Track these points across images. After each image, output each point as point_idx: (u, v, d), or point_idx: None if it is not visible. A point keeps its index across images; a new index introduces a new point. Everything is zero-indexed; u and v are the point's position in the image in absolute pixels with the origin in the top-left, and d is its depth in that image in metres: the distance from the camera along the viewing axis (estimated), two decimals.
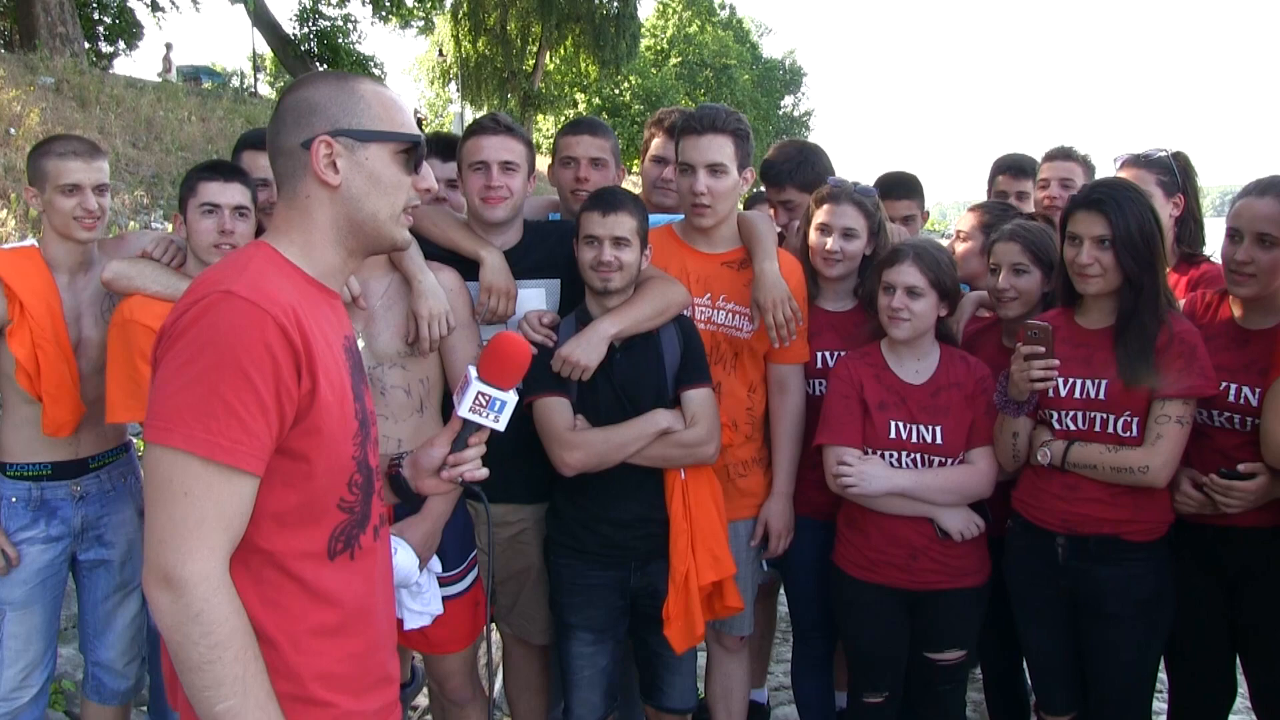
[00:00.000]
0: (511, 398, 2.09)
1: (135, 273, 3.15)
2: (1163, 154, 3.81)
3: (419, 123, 1.98)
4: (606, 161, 3.76)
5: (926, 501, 3.27)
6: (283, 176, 1.85)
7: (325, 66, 31.74)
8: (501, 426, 2.10)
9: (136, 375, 3.04)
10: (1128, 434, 3.08)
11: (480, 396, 2.06)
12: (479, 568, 3.39)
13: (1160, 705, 3.73)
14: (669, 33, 55.26)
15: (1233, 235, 3.13)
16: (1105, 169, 4.63)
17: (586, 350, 3.11)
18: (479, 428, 2.10)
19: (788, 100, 64.79)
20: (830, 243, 3.56)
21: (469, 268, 3.32)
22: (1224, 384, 3.13)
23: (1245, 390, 3.12)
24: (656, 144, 4.08)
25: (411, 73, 47.75)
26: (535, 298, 3.40)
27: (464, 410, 2.07)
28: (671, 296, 3.28)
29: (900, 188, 4.38)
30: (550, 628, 3.48)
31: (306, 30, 31.36)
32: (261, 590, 1.72)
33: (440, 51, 40.41)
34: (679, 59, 53.78)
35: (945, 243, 4.02)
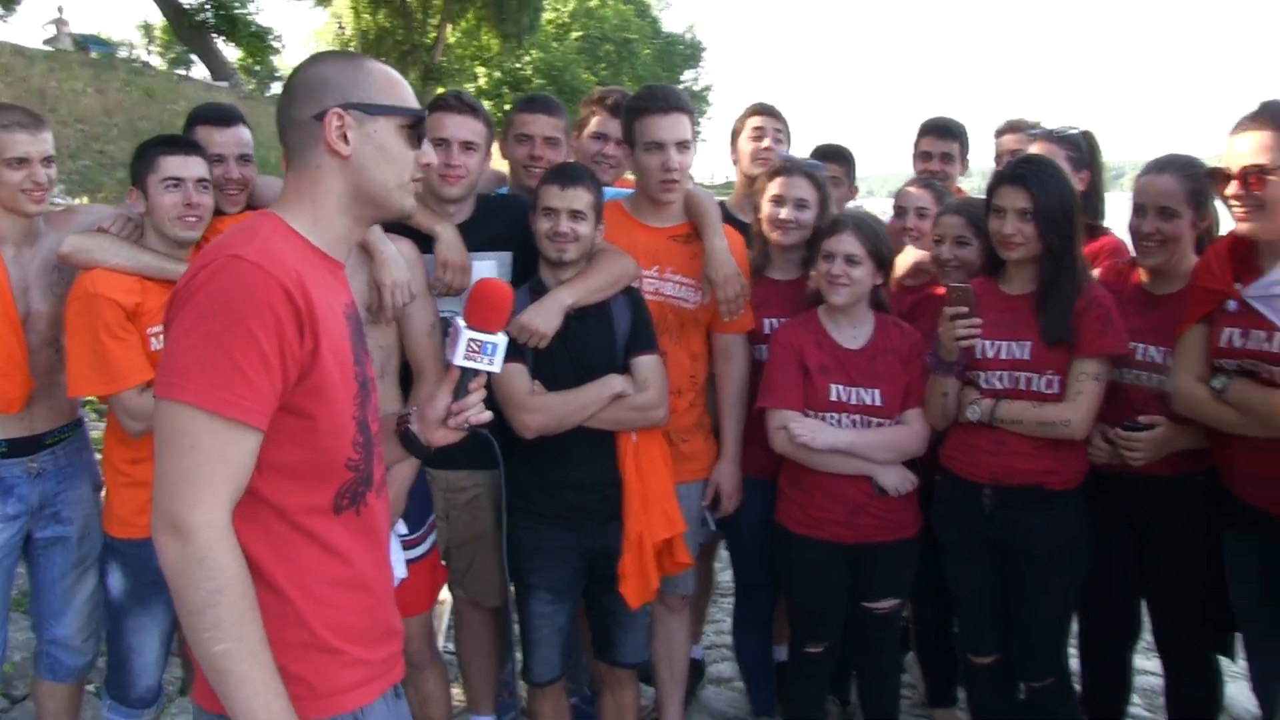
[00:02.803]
0: (502, 339, 2.22)
1: (94, 246, 3.16)
2: (1074, 131, 4.07)
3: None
4: (560, 140, 3.88)
5: (866, 459, 3.47)
6: (294, 148, 1.94)
7: (222, 38, 31.04)
8: (498, 368, 2.23)
9: (100, 348, 3.06)
10: (1050, 391, 3.32)
11: (473, 343, 2.19)
12: (436, 532, 3.52)
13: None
14: (570, 6, 54.90)
15: (1138, 210, 3.39)
16: (985, 139, 4.92)
17: (546, 318, 3.23)
18: (476, 374, 2.22)
19: (688, 75, 65.04)
20: (785, 212, 3.76)
21: (422, 241, 3.41)
22: (1134, 345, 3.37)
23: (1152, 350, 3.37)
24: (597, 121, 4.20)
25: (310, 45, 46.68)
26: (488, 269, 3.49)
27: (459, 359, 2.19)
28: (622, 268, 3.43)
29: (832, 155, 4.69)
30: (502, 591, 3.60)
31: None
32: (272, 543, 1.81)
33: (339, 24, 39.72)
34: (581, 33, 53.55)
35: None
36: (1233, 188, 2.96)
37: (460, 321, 2.22)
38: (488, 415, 2.27)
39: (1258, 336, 3.00)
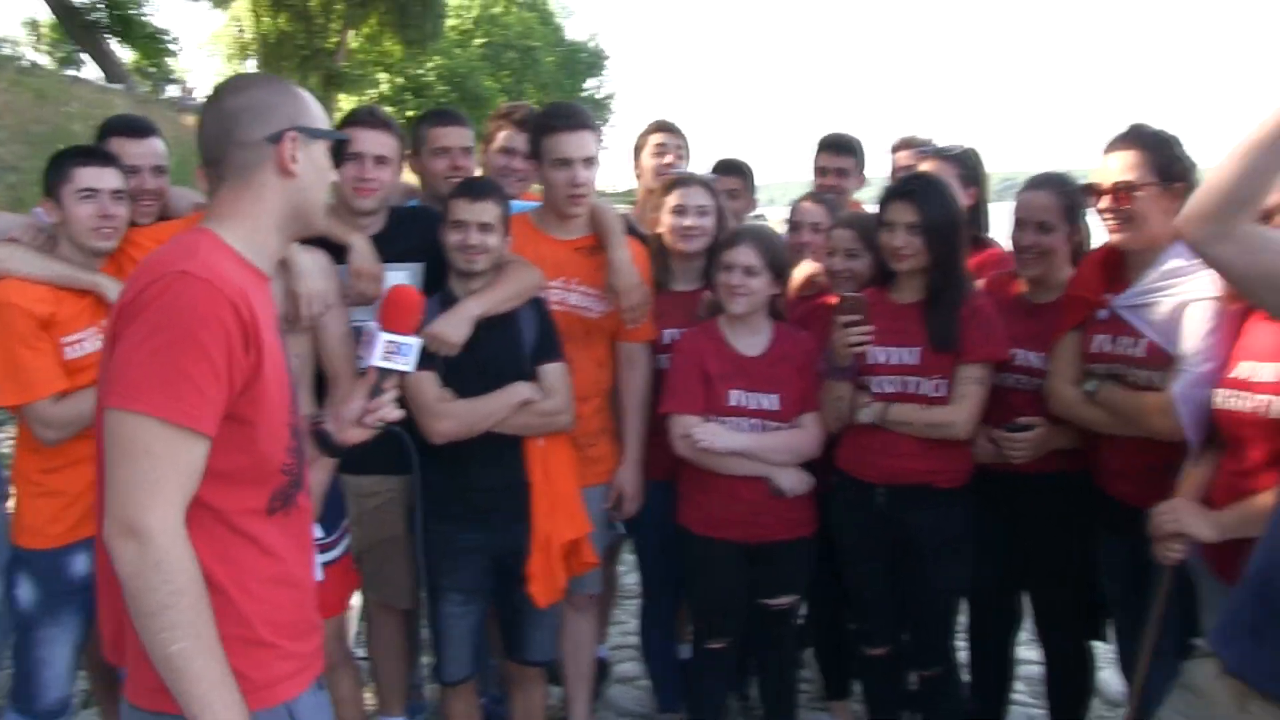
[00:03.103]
0: (416, 341, 2.37)
1: (6, 256, 3.15)
2: (961, 150, 4.30)
3: None
4: (473, 150, 4.02)
5: (765, 461, 3.62)
6: (237, 167, 2.03)
7: (116, 39, 30.30)
8: (412, 368, 2.38)
9: (13, 358, 3.06)
10: (937, 395, 3.51)
11: (389, 345, 2.33)
12: (350, 536, 3.59)
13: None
14: (474, 13, 54.66)
15: (1018, 224, 3.62)
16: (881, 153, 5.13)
17: (455, 328, 3.33)
18: (391, 374, 2.35)
19: (591, 83, 65.27)
20: (689, 220, 3.91)
21: (336, 252, 3.47)
22: (1014, 350, 3.58)
23: (1031, 356, 3.58)
24: (504, 136, 4.30)
25: (207, 48, 45.72)
26: (401, 280, 3.55)
27: (376, 360, 2.33)
28: (529, 280, 3.54)
29: (731, 169, 4.87)
30: (413, 593, 3.68)
31: None
32: (213, 545, 1.89)
33: (239, 27, 38.96)
34: (484, 40, 53.42)
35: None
36: (1105, 201, 3.21)
37: (375, 325, 2.35)
38: (399, 413, 2.40)
39: (1125, 343, 3.25)
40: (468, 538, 3.46)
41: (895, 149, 5.00)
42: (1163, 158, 3.15)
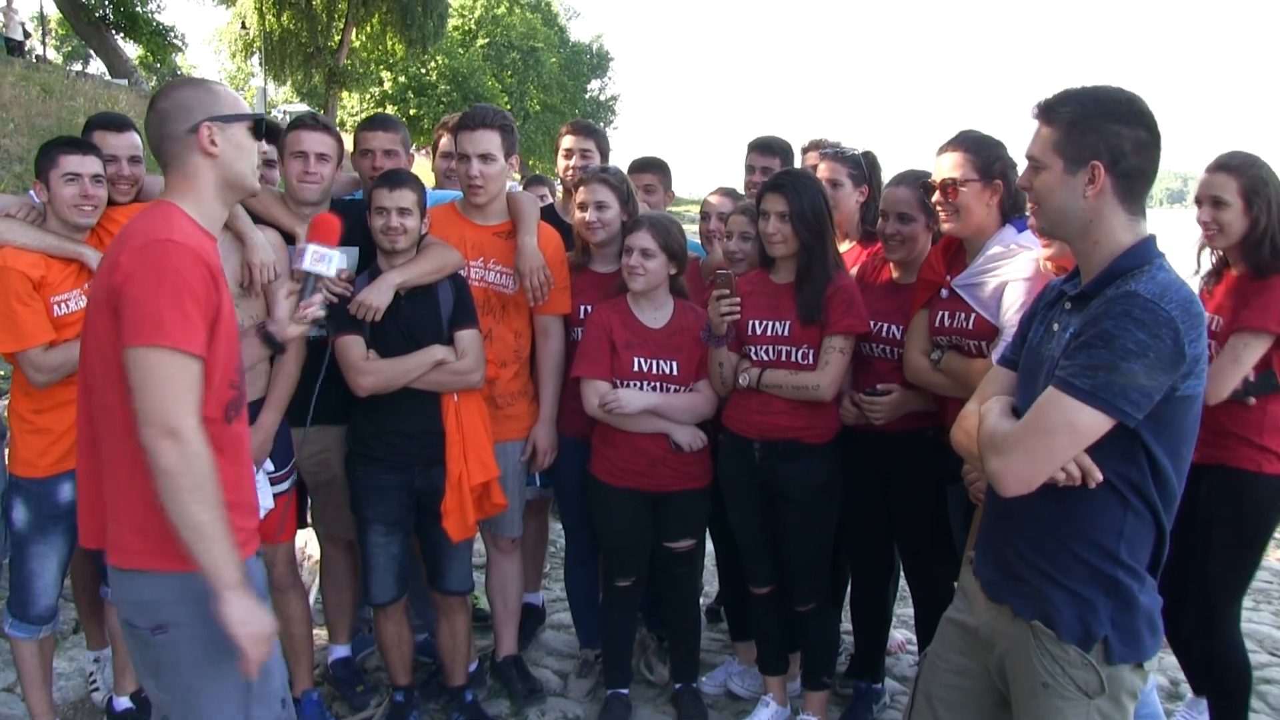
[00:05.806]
0: (336, 252, 3.09)
1: (4, 228, 3.67)
2: (855, 152, 4.77)
3: None
4: (397, 152, 4.51)
5: (668, 419, 4.14)
6: (173, 156, 2.58)
7: (122, 35, 30.76)
8: (332, 272, 3.11)
9: (9, 312, 3.57)
10: (805, 362, 3.99)
11: (315, 253, 3.03)
12: (296, 473, 4.14)
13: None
14: (477, 13, 55.07)
15: (884, 215, 4.10)
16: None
17: (377, 295, 3.85)
18: (319, 278, 3.05)
19: (595, 84, 65.63)
20: (589, 215, 4.38)
21: (285, 236, 4.01)
22: (880, 324, 4.07)
23: (893, 328, 4.07)
24: (445, 141, 4.91)
25: (212, 44, 46.30)
26: (339, 258, 4.11)
27: (306, 265, 3.02)
28: (447, 259, 4.06)
29: (647, 166, 5.34)
30: (353, 524, 4.20)
31: None
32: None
33: (243, 24, 39.43)
34: (486, 40, 53.77)
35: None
36: (937, 195, 3.71)
37: (303, 242, 3.03)
38: (323, 311, 3.11)
39: (960, 317, 3.73)
40: (390, 477, 3.99)
41: (804, 151, 5.47)
42: (983, 158, 3.63)
